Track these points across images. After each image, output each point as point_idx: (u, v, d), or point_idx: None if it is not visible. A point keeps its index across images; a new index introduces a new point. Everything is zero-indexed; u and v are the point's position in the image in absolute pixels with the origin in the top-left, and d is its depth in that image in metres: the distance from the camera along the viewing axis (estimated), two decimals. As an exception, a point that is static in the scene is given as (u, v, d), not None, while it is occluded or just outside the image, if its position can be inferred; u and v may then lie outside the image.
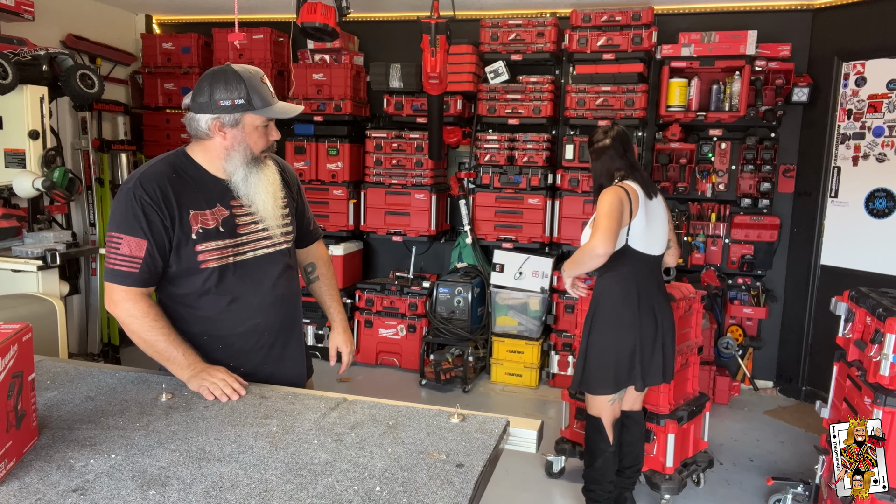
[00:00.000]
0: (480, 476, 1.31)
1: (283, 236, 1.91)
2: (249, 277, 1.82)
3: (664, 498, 3.05)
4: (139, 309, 1.72)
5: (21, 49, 3.94)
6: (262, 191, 1.81)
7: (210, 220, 1.76)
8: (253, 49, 5.15)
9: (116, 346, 4.99)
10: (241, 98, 1.72)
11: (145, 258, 1.69)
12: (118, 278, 1.70)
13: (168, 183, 1.72)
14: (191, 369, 1.71)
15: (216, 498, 1.21)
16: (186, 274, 1.76)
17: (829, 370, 2.87)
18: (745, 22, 4.53)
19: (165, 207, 1.70)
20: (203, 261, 1.75)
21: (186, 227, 1.73)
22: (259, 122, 1.77)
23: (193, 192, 1.76)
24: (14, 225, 3.87)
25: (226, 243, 1.78)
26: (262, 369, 1.87)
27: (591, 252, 2.52)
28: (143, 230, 1.68)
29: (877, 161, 4.19)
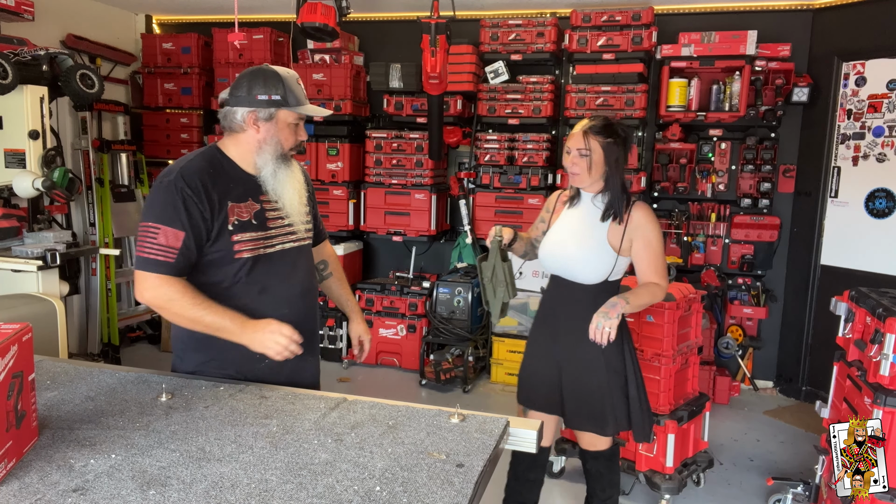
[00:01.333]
0: (480, 476, 1.31)
1: (305, 232, 2.00)
2: (277, 269, 1.89)
3: (664, 498, 3.05)
4: (175, 290, 1.74)
5: (21, 49, 3.94)
6: (289, 187, 1.89)
7: (244, 212, 1.83)
8: (253, 49, 5.15)
9: (116, 346, 4.99)
10: (277, 94, 1.81)
11: (182, 249, 1.73)
12: (153, 267, 1.73)
13: (207, 176, 1.79)
14: (244, 332, 1.76)
15: (216, 498, 1.21)
16: (220, 263, 1.81)
17: (829, 370, 2.87)
18: (745, 22, 4.53)
19: (207, 199, 1.76)
20: (238, 251, 1.81)
21: (224, 219, 1.79)
22: (291, 120, 1.86)
23: (229, 186, 1.83)
24: (14, 225, 3.87)
25: (258, 235, 1.85)
26: (287, 361, 1.87)
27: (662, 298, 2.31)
28: (181, 222, 1.72)
29: (877, 161, 4.19)
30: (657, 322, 3.08)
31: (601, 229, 2.27)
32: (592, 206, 2.31)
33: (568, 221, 2.36)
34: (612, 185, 2.25)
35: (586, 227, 2.29)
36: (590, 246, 2.26)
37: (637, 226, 2.25)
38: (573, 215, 2.35)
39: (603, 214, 2.27)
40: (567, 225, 2.35)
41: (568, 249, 2.29)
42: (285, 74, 1.84)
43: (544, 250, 2.37)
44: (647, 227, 2.25)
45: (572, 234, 2.31)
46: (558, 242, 2.33)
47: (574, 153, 2.24)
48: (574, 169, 2.25)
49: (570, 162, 2.25)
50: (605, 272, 2.26)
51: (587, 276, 2.28)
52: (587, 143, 2.21)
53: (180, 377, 1.83)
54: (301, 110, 1.86)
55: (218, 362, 1.85)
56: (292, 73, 1.87)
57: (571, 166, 2.25)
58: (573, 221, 2.34)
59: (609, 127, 2.23)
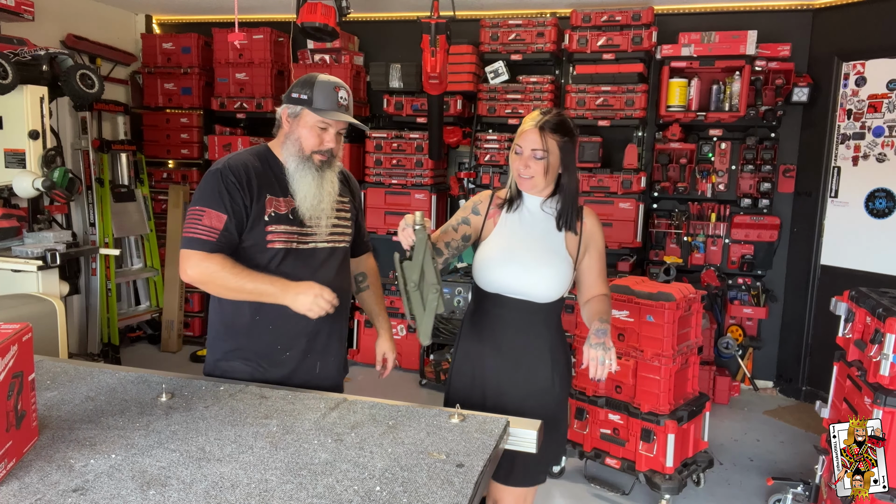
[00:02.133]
0: (480, 476, 1.31)
1: (339, 236, 2.05)
2: (308, 265, 1.95)
3: (664, 498, 3.05)
4: (216, 263, 1.84)
5: (21, 49, 3.94)
6: (307, 186, 1.92)
7: (283, 206, 1.92)
8: (253, 49, 5.15)
9: (116, 346, 4.98)
10: (305, 95, 1.90)
11: (223, 231, 1.85)
12: (196, 245, 1.85)
13: (251, 168, 1.91)
14: (287, 293, 1.83)
15: (216, 498, 1.21)
16: (254, 251, 1.90)
17: (829, 370, 2.87)
18: (745, 22, 4.53)
19: (248, 188, 1.88)
20: (271, 241, 1.90)
21: (262, 209, 1.89)
22: (313, 122, 1.91)
23: (272, 180, 1.93)
24: (14, 225, 3.87)
25: (293, 229, 1.93)
26: (307, 358, 1.98)
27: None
28: (224, 206, 1.85)
29: (877, 161, 4.19)
30: (657, 322, 3.08)
31: (559, 239, 1.98)
32: (542, 212, 2.00)
33: (515, 230, 2.00)
34: (568, 189, 1.97)
35: (541, 237, 1.98)
36: (550, 260, 1.95)
37: (591, 234, 2.01)
38: (519, 223, 2.00)
39: (558, 223, 1.98)
40: (516, 234, 1.99)
41: (526, 264, 1.94)
42: (323, 80, 1.91)
43: (488, 265, 1.98)
44: (599, 235, 2.03)
45: (528, 247, 1.96)
46: (510, 256, 1.96)
47: (527, 154, 1.91)
48: (527, 172, 1.92)
49: (523, 164, 1.92)
50: (565, 287, 1.99)
51: (547, 294, 1.95)
52: (544, 142, 1.90)
53: (180, 377, 1.83)
54: (319, 114, 1.90)
55: (243, 351, 1.93)
56: (334, 81, 1.93)
57: (524, 169, 1.92)
58: (523, 230, 1.99)
59: (564, 123, 1.94)
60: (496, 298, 1.99)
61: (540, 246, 1.96)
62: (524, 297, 1.95)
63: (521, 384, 1.97)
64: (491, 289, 1.99)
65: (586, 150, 4.60)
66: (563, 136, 1.92)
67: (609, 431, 3.26)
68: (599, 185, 4.58)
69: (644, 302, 3.11)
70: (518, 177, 1.95)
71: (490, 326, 2.01)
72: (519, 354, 1.98)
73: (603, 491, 3.30)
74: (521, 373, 1.98)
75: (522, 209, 2.02)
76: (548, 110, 1.96)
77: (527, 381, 1.97)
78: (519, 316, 1.97)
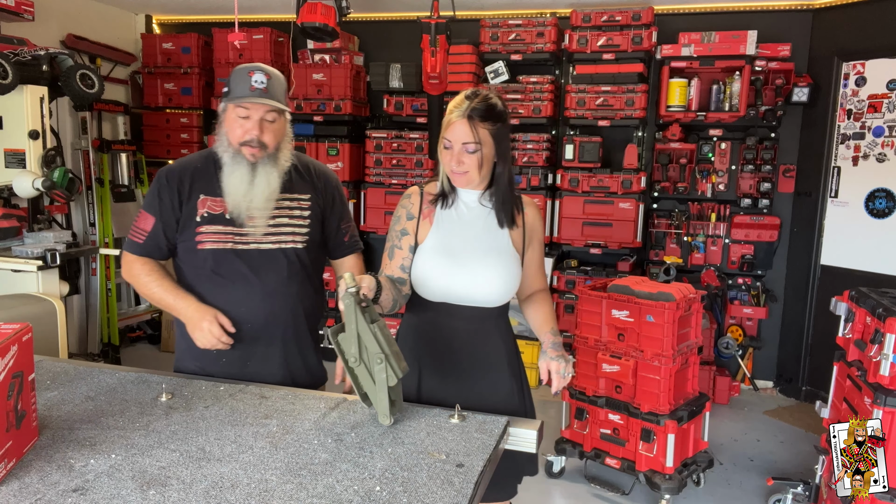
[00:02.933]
0: (480, 476, 1.31)
1: (288, 237, 1.94)
2: (245, 267, 1.89)
3: (664, 498, 3.05)
4: (140, 268, 1.91)
5: (21, 49, 3.94)
6: (235, 181, 1.86)
7: (219, 206, 1.88)
8: (253, 49, 5.15)
9: (116, 346, 4.99)
10: (226, 88, 1.86)
11: (151, 233, 1.90)
12: (128, 245, 1.94)
13: (190, 170, 1.91)
14: (184, 313, 1.87)
15: (216, 498, 1.21)
16: (187, 253, 1.91)
17: (829, 370, 2.87)
18: (745, 22, 4.53)
19: (178, 190, 1.88)
20: (200, 241, 1.87)
21: (193, 209, 1.88)
22: (232, 112, 1.84)
23: (213, 181, 1.89)
24: (14, 225, 3.87)
25: (228, 229, 1.88)
26: (247, 366, 1.92)
27: None
28: (154, 208, 1.89)
29: (877, 161, 4.19)
30: (657, 322, 3.08)
31: (503, 235, 1.80)
32: (481, 206, 1.81)
33: (453, 230, 1.79)
34: (503, 180, 1.78)
35: (483, 235, 1.79)
36: (497, 260, 1.77)
37: (533, 225, 1.85)
38: (458, 221, 1.80)
39: (499, 218, 1.80)
40: (455, 235, 1.79)
41: (471, 267, 1.75)
42: (239, 67, 1.86)
43: (430, 272, 1.76)
44: (539, 226, 1.87)
45: (470, 248, 1.77)
46: (453, 260, 1.75)
47: (458, 148, 1.71)
48: (460, 168, 1.72)
49: (455, 160, 1.72)
50: (516, 286, 1.82)
51: (498, 297, 1.78)
52: (475, 133, 1.69)
53: (180, 377, 1.83)
54: (233, 101, 1.82)
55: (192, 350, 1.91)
56: (248, 66, 1.85)
57: (457, 165, 1.72)
58: (462, 229, 1.79)
59: (494, 108, 1.72)
60: (443, 308, 1.78)
61: (484, 245, 1.77)
62: (472, 304, 1.77)
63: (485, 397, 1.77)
64: (436, 298, 1.77)
65: (586, 150, 4.60)
66: (494, 123, 1.71)
67: (609, 431, 3.26)
68: (599, 185, 4.58)
69: (644, 302, 3.11)
70: (451, 172, 1.75)
71: (442, 339, 1.79)
72: (478, 366, 1.81)
73: (603, 491, 3.30)
74: (482, 384, 1.80)
75: (458, 204, 1.81)
76: (473, 93, 1.73)
77: (491, 393, 1.80)
78: (471, 325, 1.79)
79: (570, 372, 1.75)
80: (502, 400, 1.81)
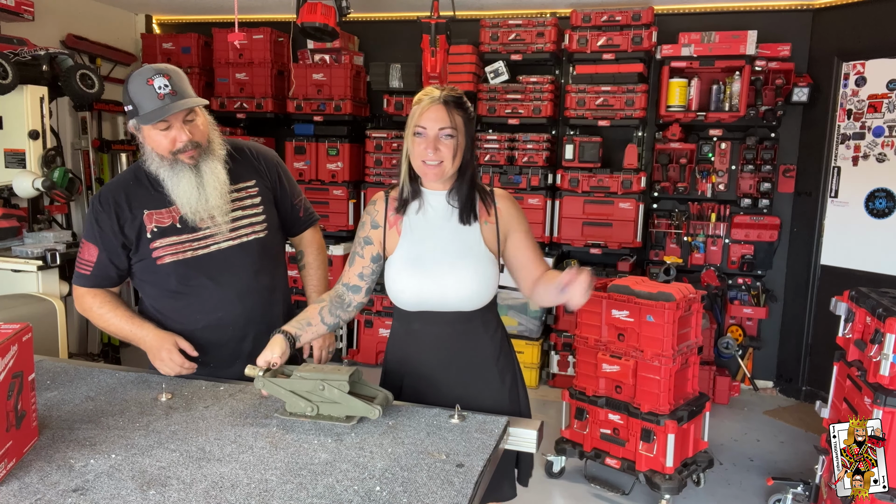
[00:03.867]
0: (480, 476, 1.31)
1: (247, 228, 1.91)
2: (210, 271, 1.86)
3: (664, 498, 3.05)
4: (94, 301, 1.87)
5: (21, 49, 3.94)
6: (185, 188, 1.78)
7: (166, 217, 1.83)
8: (253, 49, 5.15)
9: (116, 346, 4.98)
10: (129, 104, 1.71)
11: (97, 263, 1.84)
12: (77, 279, 1.89)
13: (123, 190, 1.84)
14: (144, 343, 1.83)
15: (216, 498, 1.21)
16: (147, 271, 1.86)
17: (829, 370, 2.87)
18: (745, 22, 4.53)
19: (115, 213, 1.81)
20: (158, 256, 1.83)
21: (140, 227, 1.82)
22: (151, 129, 1.73)
23: (152, 194, 1.84)
24: (14, 225, 3.87)
25: (182, 238, 1.84)
26: (235, 364, 1.86)
27: None
28: (95, 237, 1.83)
29: (877, 161, 4.19)
30: (657, 322, 3.08)
31: (473, 234, 1.72)
32: (449, 206, 1.73)
33: (422, 236, 1.73)
34: (467, 174, 1.71)
35: (451, 237, 1.72)
36: (468, 262, 1.69)
37: (508, 218, 1.75)
38: (426, 226, 1.74)
39: (461, 215, 1.71)
40: (424, 241, 1.73)
41: (441, 274, 1.69)
42: (134, 78, 1.70)
43: (400, 284, 1.72)
44: (519, 218, 1.77)
45: (438, 252, 1.70)
46: (422, 269, 1.70)
47: (434, 135, 1.62)
48: (436, 157, 1.63)
49: (431, 146, 1.62)
50: (493, 286, 1.73)
51: (474, 300, 1.71)
52: (452, 118, 1.62)
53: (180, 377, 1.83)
54: (148, 122, 1.68)
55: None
56: (144, 74, 1.69)
57: (433, 153, 1.62)
58: (431, 234, 1.73)
59: (462, 98, 1.68)
60: (423, 315, 1.74)
61: (453, 248, 1.70)
62: (450, 309, 1.71)
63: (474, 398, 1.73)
64: (412, 307, 1.73)
65: (586, 150, 4.60)
66: (465, 113, 1.67)
67: (609, 431, 3.26)
68: (599, 185, 4.58)
69: (644, 302, 3.11)
70: (422, 164, 1.66)
71: (425, 347, 1.76)
72: (465, 368, 1.76)
73: (603, 491, 3.30)
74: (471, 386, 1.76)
75: (426, 207, 1.74)
76: (439, 86, 1.69)
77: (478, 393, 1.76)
78: (453, 329, 1.73)
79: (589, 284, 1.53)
80: (492, 398, 1.76)
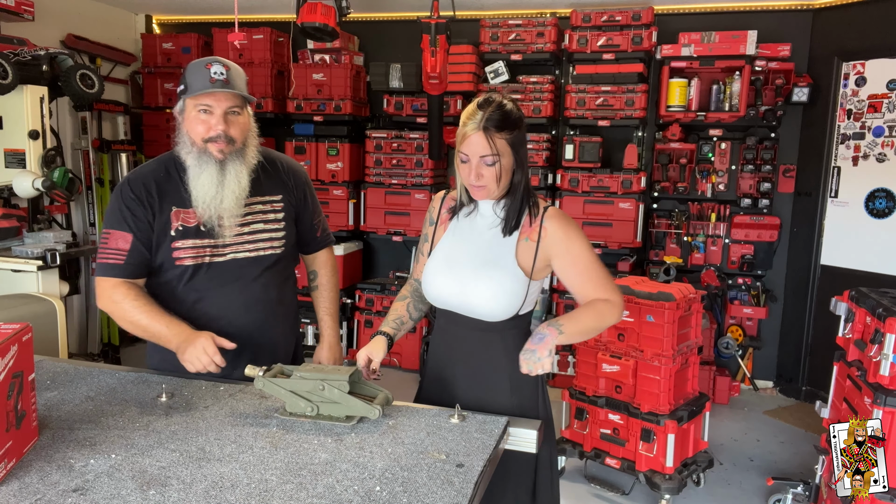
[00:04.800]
0: (480, 476, 1.31)
1: (265, 243, 1.89)
2: (220, 279, 1.83)
3: (664, 498, 3.05)
4: (120, 293, 1.77)
5: (21, 49, 3.94)
6: (204, 182, 1.75)
7: (192, 218, 1.79)
8: (253, 49, 5.15)
9: (116, 346, 4.99)
10: (182, 84, 1.74)
11: (130, 250, 1.77)
12: (106, 270, 1.78)
13: (154, 181, 1.79)
14: (176, 340, 1.73)
15: (216, 498, 1.21)
16: (163, 269, 1.82)
17: (829, 370, 2.87)
18: (745, 22, 4.53)
19: (149, 203, 1.77)
20: (178, 258, 1.80)
21: (166, 223, 1.78)
22: (192, 108, 1.74)
23: (180, 190, 1.79)
24: (14, 225, 3.87)
25: (204, 242, 1.80)
26: (233, 374, 1.82)
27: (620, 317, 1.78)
28: (128, 224, 1.76)
29: (877, 161, 4.19)
30: (657, 322, 3.08)
31: (507, 247, 1.71)
32: (495, 215, 1.75)
33: (463, 238, 1.77)
34: (520, 189, 1.71)
35: (486, 245, 1.73)
36: (491, 273, 1.69)
37: (554, 240, 1.70)
38: (466, 230, 1.78)
39: (504, 226, 1.72)
40: (459, 243, 1.77)
41: (462, 279, 1.71)
42: (195, 61, 1.74)
43: (428, 279, 1.78)
44: (567, 239, 1.71)
45: (469, 257, 1.73)
46: (448, 270, 1.74)
47: (476, 162, 1.64)
48: (479, 182, 1.65)
49: (474, 174, 1.65)
50: (515, 305, 1.70)
51: (490, 312, 1.70)
52: (493, 145, 1.62)
53: (180, 377, 1.82)
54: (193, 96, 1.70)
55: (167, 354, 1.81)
56: (204, 59, 1.74)
57: (476, 179, 1.65)
58: (467, 238, 1.76)
59: (509, 115, 1.64)
60: (447, 314, 1.80)
61: (481, 257, 1.71)
62: (470, 315, 1.73)
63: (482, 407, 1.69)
64: (439, 305, 1.80)
65: (586, 150, 4.60)
66: (511, 132, 1.64)
67: (609, 431, 3.26)
68: (599, 185, 4.58)
69: (644, 302, 3.11)
70: (470, 186, 1.69)
71: (449, 344, 1.82)
72: (476, 377, 1.77)
73: (603, 491, 3.30)
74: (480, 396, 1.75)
75: (476, 213, 1.78)
76: (486, 101, 1.65)
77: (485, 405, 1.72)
78: (472, 334, 1.76)
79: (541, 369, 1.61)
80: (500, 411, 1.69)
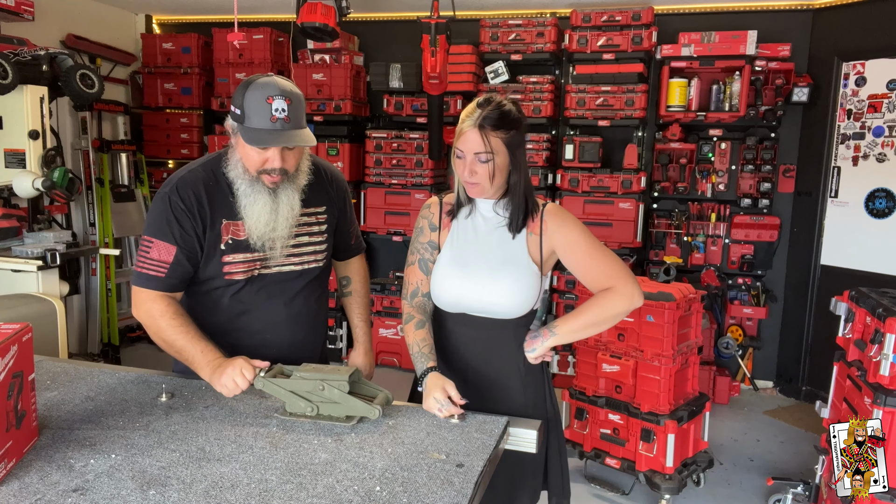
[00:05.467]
0: (480, 476, 1.31)
1: (310, 256, 1.85)
2: (266, 292, 1.79)
3: (664, 498, 3.05)
4: (158, 308, 1.69)
5: (21, 49, 3.94)
6: (259, 211, 1.70)
7: (241, 231, 1.72)
8: (253, 49, 5.15)
9: (116, 346, 4.99)
10: (239, 109, 1.62)
11: (173, 264, 1.68)
12: (144, 281, 1.70)
13: (204, 189, 1.70)
14: (209, 368, 1.64)
15: (216, 498, 1.21)
16: (211, 283, 1.76)
17: (829, 370, 2.87)
18: (745, 22, 4.53)
19: (200, 216, 1.68)
20: (229, 272, 1.73)
21: (217, 236, 1.70)
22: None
23: (229, 200, 1.71)
24: (14, 225, 3.87)
25: (254, 256, 1.74)
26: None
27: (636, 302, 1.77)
28: (173, 236, 1.67)
29: (877, 161, 4.19)
30: (657, 322, 3.08)
31: (518, 244, 1.74)
32: (496, 214, 1.77)
33: (468, 239, 1.77)
34: (518, 189, 1.73)
35: (496, 244, 1.75)
36: (509, 270, 1.72)
37: (554, 231, 1.73)
38: (473, 231, 1.78)
39: (510, 225, 1.74)
40: (469, 245, 1.77)
41: (481, 278, 1.72)
42: (255, 88, 1.60)
43: (442, 284, 1.76)
44: (565, 227, 1.74)
45: (481, 257, 1.74)
46: (464, 271, 1.74)
47: (470, 158, 1.67)
48: (472, 178, 1.68)
49: (468, 170, 1.67)
50: (532, 299, 1.74)
51: (510, 309, 1.72)
52: (487, 142, 1.64)
53: (180, 377, 1.82)
54: (250, 137, 1.60)
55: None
56: (265, 90, 1.60)
57: (470, 175, 1.68)
58: (477, 239, 1.77)
59: (507, 115, 1.66)
60: (459, 317, 1.77)
61: (496, 255, 1.73)
62: (486, 315, 1.74)
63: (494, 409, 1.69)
64: (450, 308, 1.77)
65: (586, 150, 4.60)
66: (508, 131, 1.66)
67: (609, 431, 3.26)
68: (599, 185, 4.58)
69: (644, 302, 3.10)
70: (465, 183, 1.72)
71: (457, 346, 1.79)
72: (489, 376, 1.77)
73: (603, 491, 3.30)
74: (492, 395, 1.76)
75: (475, 214, 1.79)
76: (486, 100, 1.67)
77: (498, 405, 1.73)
78: (486, 334, 1.76)
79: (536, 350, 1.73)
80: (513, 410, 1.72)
